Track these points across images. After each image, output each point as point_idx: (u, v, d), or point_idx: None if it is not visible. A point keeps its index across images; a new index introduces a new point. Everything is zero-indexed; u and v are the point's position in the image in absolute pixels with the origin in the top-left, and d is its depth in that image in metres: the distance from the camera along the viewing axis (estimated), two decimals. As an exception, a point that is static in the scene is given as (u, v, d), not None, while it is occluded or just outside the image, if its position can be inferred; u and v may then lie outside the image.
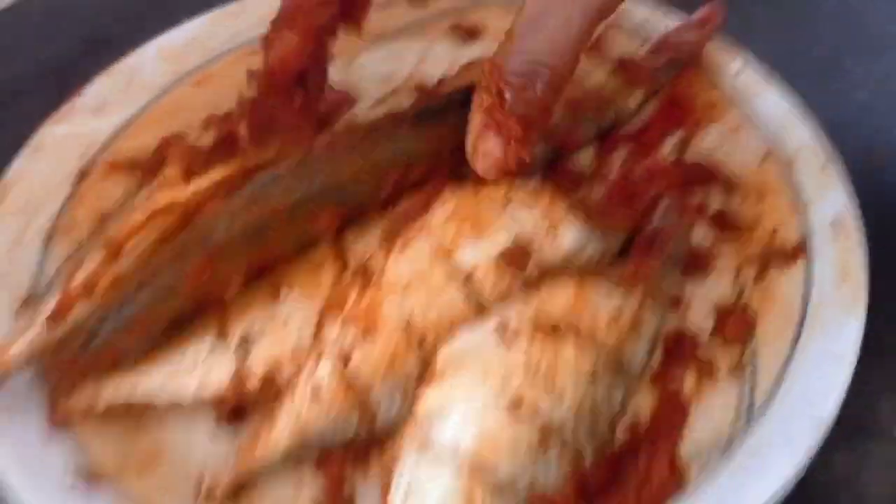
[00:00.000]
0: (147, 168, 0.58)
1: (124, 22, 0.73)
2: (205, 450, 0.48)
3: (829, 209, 0.53)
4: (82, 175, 0.58)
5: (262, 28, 0.62)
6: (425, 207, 0.50)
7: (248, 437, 0.47)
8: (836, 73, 0.67)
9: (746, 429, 0.47)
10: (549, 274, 0.49)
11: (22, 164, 0.57)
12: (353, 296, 0.48)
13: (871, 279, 0.51)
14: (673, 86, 0.61)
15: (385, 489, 0.45)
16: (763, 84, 0.59)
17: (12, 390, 0.48)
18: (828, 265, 0.52)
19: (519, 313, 0.47)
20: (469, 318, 0.48)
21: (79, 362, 0.47)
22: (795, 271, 0.52)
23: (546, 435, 0.45)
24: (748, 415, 0.47)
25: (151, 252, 0.47)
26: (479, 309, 0.48)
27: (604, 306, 0.48)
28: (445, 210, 0.50)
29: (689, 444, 0.47)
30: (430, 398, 0.46)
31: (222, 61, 0.63)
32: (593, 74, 0.59)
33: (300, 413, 0.46)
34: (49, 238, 0.55)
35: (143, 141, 0.60)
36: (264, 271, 0.50)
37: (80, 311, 0.46)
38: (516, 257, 0.49)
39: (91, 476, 0.46)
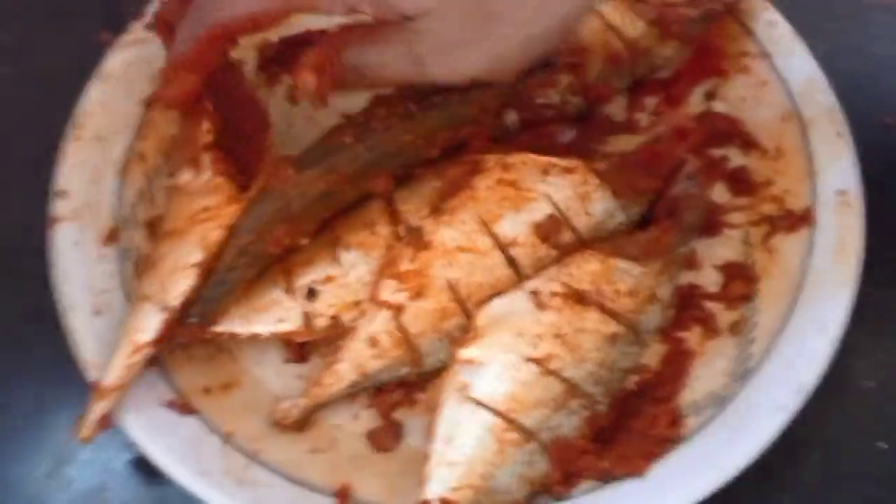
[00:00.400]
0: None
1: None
2: (274, 380, 0.57)
3: (837, 179, 0.58)
4: (149, 103, 0.62)
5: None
6: (471, 175, 0.56)
7: (316, 374, 0.55)
8: (857, 25, 0.69)
9: (739, 387, 0.55)
10: (581, 242, 0.56)
11: (93, 93, 0.61)
12: (405, 259, 0.54)
13: (868, 237, 0.57)
14: (706, 34, 0.64)
15: (431, 426, 0.53)
16: (793, 41, 0.62)
17: (104, 323, 0.55)
18: (829, 235, 0.57)
19: (551, 282, 0.54)
20: (508, 282, 0.55)
21: (191, 326, 0.54)
22: (800, 237, 0.58)
23: (569, 389, 0.53)
24: (742, 374, 0.55)
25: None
26: (518, 274, 0.55)
27: (625, 280, 0.54)
28: (489, 179, 0.56)
29: (688, 395, 0.55)
30: (471, 352, 0.53)
31: (275, -21, 0.65)
32: (633, 26, 0.62)
33: (360, 357, 0.54)
34: (124, 170, 0.60)
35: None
36: (325, 228, 0.56)
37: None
38: (551, 228, 0.55)
39: (181, 399, 0.55)
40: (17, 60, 0.69)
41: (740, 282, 0.58)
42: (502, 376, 0.53)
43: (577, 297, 0.54)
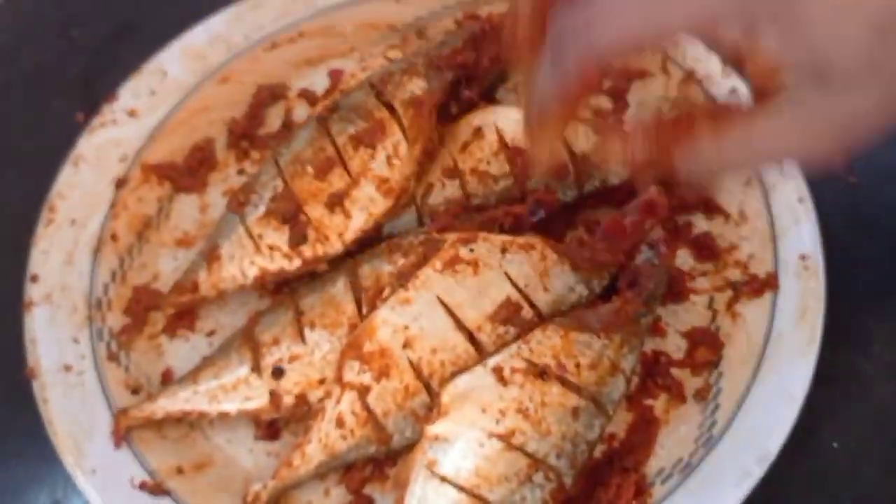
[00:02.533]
0: (180, 176, 0.64)
1: (144, 4, 0.75)
2: (246, 457, 0.57)
3: (800, 244, 0.59)
4: (120, 183, 0.63)
5: (282, 21, 0.66)
6: (430, 254, 0.57)
7: (286, 454, 0.56)
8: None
9: (704, 454, 0.55)
10: (542, 317, 0.56)
11: (66, 176, 0.62)
12: (367, 339, 0.55)
13: (831, 298, 0.58)
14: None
15: (399, 502, 0.54)
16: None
17: (78, 404, 0.57)
18: (791, 301, 0.58)
19: (512, 358, 0.55)
20: (470, 359, 0.55)
21: None
22: (763, 303, 0.58)
23: (533, 463, 0.53)
24: (707, 441, 0.55)
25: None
26: (480, 351, 0.56)
27: (585, 353, 0.55)
28: (447, 258, 0.57)
29: (655, 463, 0.56)
30: (438, 428, 0.54)
31: (243, 57, 0.67)
32: (585, 139, 0.62)
33: (328, 438, 0.55)
34: (96, 251, 0.61)
35: (175, 143, 0.65)
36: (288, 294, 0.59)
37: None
38: (511, 311, 0.56)
39: (154, 479, 0.55)
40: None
41: (705, 348, 0.59)
42: (467, 452, 0.53)
43: (539, 372, 0.54)
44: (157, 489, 0.55)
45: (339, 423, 0.55)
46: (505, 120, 0.61)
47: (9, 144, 0.70)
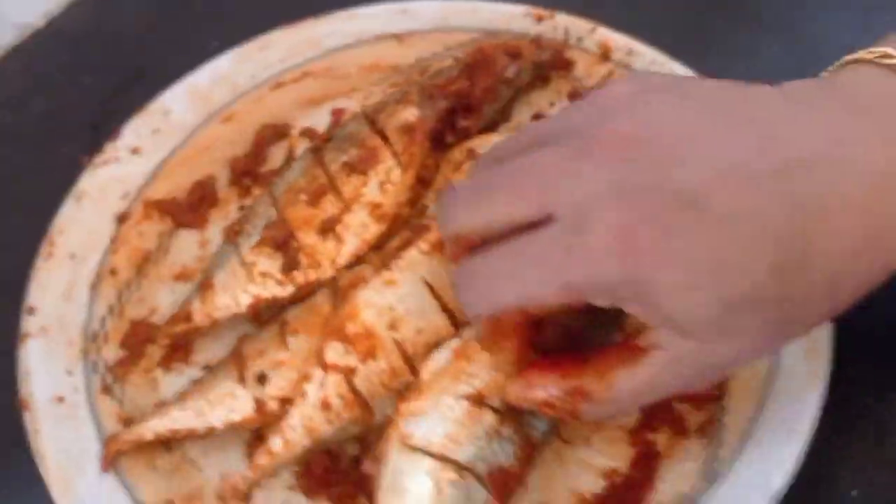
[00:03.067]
0: (181, 212, 0.64)
1: (155, 52, 0.77)
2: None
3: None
4: (122, 219, 0.64)
5: (286, 62, 0.67)
6: (415, 237, 0.57)
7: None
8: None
9: (707, 490, 0.53)
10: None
11: (67, 211, 0.63)
12: (351, 324, 0.55)
13: (842, 344, 0.56)
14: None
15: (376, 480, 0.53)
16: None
17: (69, 436, 0.56)
18: (798, 334, 0.56)
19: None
20: (450, 335, 0.55)
21: None
22: (768, 335, 0.57)
23: (502, 419, 0.52)
24: (711, 476, 0.54)
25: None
26: (459, 327, 0.55)
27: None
28: (433, 240, 0.56)
29: (656, 498, 0.54)
30: (414, 405, 0.53)
31: (247, 97, 0.68)
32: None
33: (312, 423, 0.54)
34: (95, 285, 0.61)
35: (177, 181, 0.65)
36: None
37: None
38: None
39: (143, 511, 0.54)
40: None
41: (708, 381, 0.57)
42: (439, 420, 0.52)
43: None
44: (146, 519, 0.54)
45: (325, 406, 0.54)
46: (500, 142, 0.61)
47: (15, 190, 0.70)
